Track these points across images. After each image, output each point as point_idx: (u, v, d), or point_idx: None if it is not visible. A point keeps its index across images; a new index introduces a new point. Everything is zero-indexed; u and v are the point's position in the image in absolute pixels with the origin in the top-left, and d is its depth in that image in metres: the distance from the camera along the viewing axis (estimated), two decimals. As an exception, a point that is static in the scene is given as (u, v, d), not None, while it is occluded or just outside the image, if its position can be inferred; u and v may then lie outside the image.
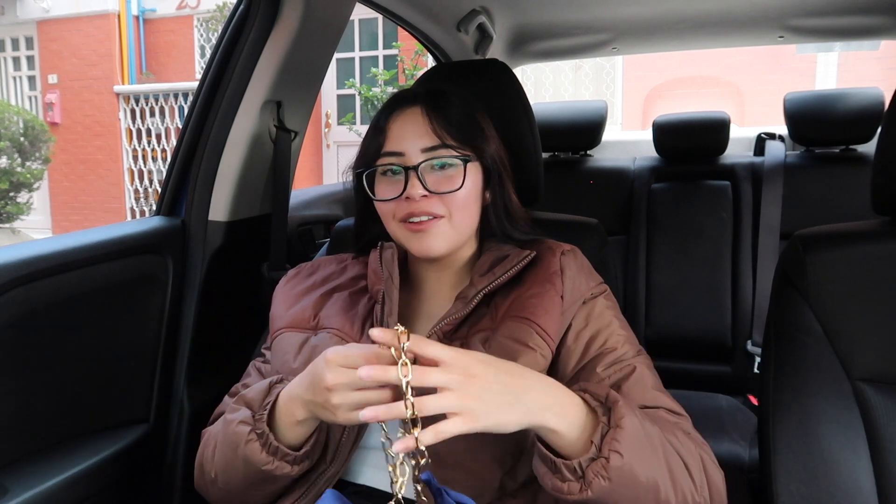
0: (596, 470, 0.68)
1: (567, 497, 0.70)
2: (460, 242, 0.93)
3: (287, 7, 1.28)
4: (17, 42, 9.17)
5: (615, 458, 0.68)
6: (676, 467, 0.75)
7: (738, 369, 2.08)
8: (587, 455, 0.69)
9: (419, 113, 0.91)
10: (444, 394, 0.65)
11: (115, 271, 1.17)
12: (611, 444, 0.69)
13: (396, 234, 0.92)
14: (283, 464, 0.81)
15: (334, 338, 0.92)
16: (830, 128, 2.16)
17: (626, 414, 0.71)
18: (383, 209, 0.92)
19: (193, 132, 1.33)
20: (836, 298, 0.96)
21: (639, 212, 2.24)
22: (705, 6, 1.91)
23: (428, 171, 0.89)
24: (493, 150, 0.95)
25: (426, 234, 0.89)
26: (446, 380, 0.65)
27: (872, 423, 0.91)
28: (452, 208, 0.89)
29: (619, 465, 0.68)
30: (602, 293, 0.95)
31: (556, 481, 0.71)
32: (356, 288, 0.99)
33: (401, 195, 0.88)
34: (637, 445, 0.71)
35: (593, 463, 0.69)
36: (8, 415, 1.02)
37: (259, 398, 0.85)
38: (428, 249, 0.89)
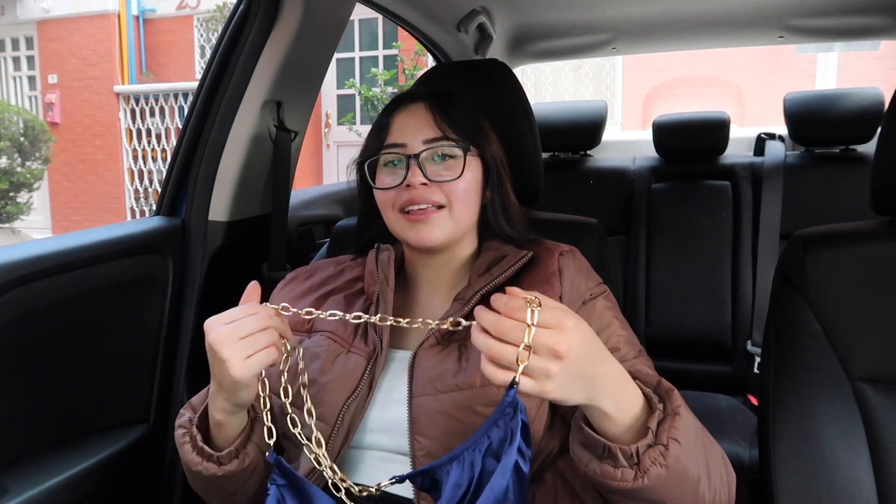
0: (653, 457, 0.66)
1: (619, 484, 0.67)
2: (458, 234, 0.93)
3: (287, 7, 1.28)
4: (17, 42, 9.17)
5: (674, 446, 0.67)
6: (712, 464, 0.75)
7: (738, 369, 2.08)
8: (644, 441, 0.67)
9: (423, 108, 0.93)
10: (532, 355, 0.63)
11: (115, 271, 1.17)
12: (670, 432, 0.67)
13: (395, 226, 0.93)
14: (210, 464, 0.85)
15: (327, 339, 0.92)
16: (830, 128, 2.16)
17: (682, 403, 0.70)
18: (383, 199, 0.93)
19: (193, 132, 1.33)
20: (836, 298, 0.96)
21: (639, 212, 2.24)
22: (705, 6, 1.91)
23: (429, 162, 0.91)
24: (493, 149, 0.96)
25: (425, 224, 0.89)
26: (538, 343, 0.62)
27: (872, 423, 0.91)
28: (452, 198, 0.90)
29: (676, 454, 0.67)
30: (602, 294, 0.94)
31: (605, 467, 0.68)
32: (353, 290, 0.99)
33: (401, 183, 0.89)
34: (691, 437, 0.70)
35: (650, 449, 0.67)
36: (8, 415, 1.02)
37: (200, 401, 0.90)
38: (426, 239, 0.90)
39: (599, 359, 0.68)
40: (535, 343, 0.62)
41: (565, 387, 0.64)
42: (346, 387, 0.87)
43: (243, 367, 0.76)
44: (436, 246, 0.91)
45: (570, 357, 0.63)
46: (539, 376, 0.63)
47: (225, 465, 0.86)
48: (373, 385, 0.88)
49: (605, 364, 0.68)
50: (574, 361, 0.63)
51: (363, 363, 0.89)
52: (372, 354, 0.89)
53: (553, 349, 0.62)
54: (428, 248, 0.92)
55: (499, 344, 0.63)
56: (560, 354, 0.62)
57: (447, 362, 0.86)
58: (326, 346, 0.92)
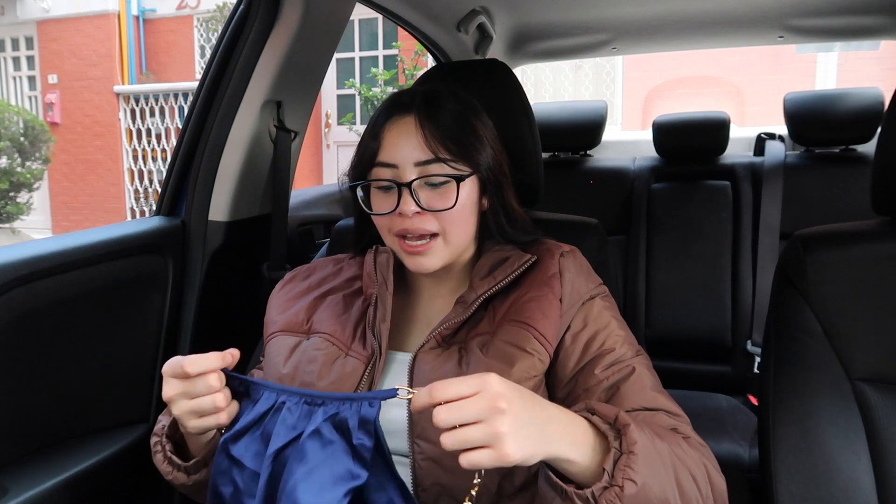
0: (609, 499, 0.66)
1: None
2: (456, 256, 0.93)
3: (287, 7, 1.28)
4: (17, 42, 9.17)
5: (629, 486, 0.66)
6: (685, 480, 0.74)
7: (738, 369, 2.08)
8: (600, 484, 0.67)
9: (412, 123, 0.88)
10: (476, 426, 0.63)
11: (115, 271, 1.17)
12: (624, 472, 0.67)
13: (393, 248, 0.93)
14: (179, 474, 0.87)
15: (325, 342, 0.92)
16: (830, 128, 2.16)
17: (638, 438, 0.69)
18: (379, 222, 0.92)
19: (193, 132, 1.33)
20: (836, 298, 0.96)
21: (639, 212, 2.24)
22: (705, 6, 1.91)
23: (421, 188, 0.88)
24: (489, 158, 0.91)
25: (421, 255, 0.89)
26: (475, 412, 0.63)
27: (872, 423, 0.91)
28: (446, 225, 0.88)
29: (633, 493, 0.66)
30: (600, 294, 0.94)
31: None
32: (351, 290, 0.98)
33: (394, 210, 0.88)
34: (649, 468, 0.69)
35: (606, 492, 0.67)
36: (8, 415, 1.02)
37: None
38: (423, 268, 0.90)
39: (538, 401, 0.68)
40: (477, 413, 0.62)
41: (521, 440, 0.63)
42: (344, 390, 0.87)
43: (193, 425, 0.78)
44: (433, 272, 0.91)
45: (511, 407, 0.63)
46: (493, 441, 0.62)
47: (193, 475, 0.86)
48: (372, 388, 0.87)
49: (546, 406, 0.69)
50: (517, 407, 0.64)
51: (361, 367, 0.88)
52: (371, 357, 0.89)
53: (493, 406, 0.62)
54: (426, 275, 0.92)
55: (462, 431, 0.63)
56: (500, 408, 0.62)
57: (448, 365, 0.86)
58: (325, 348, 0.91)
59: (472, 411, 0.63)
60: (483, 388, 0.64)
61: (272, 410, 0.77)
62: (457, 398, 0.64)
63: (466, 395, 0.64)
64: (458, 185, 0.87)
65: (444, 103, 0.91)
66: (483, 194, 0.94)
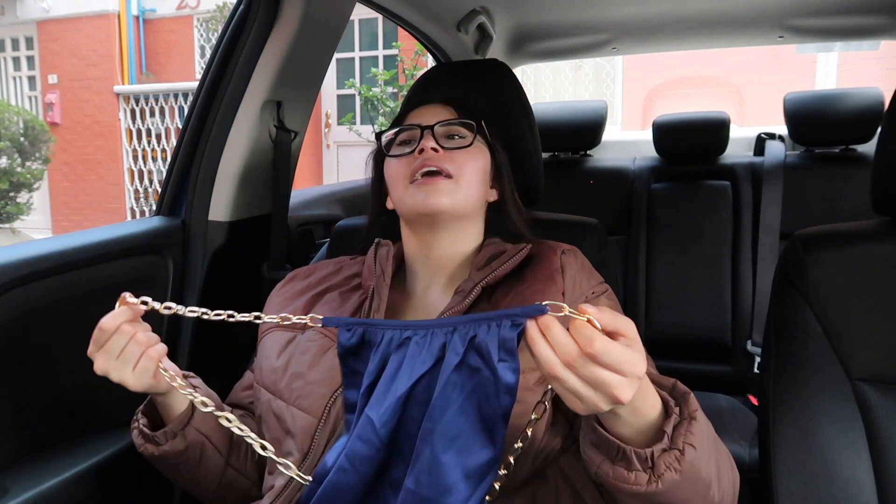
0: (668, 462, 0.65)
1: (631, 487, 0.65)
2: (464, 208, 0.94)
3: (287, 7, 1.28)
4: (17, 42, 9.17)
5: (689, 451, 0.65)
6: (722, 465, 0.74)
7: (738, 369, 2.08)
8: (660, 445, 0.65)
9: (441, 105, 1.00)
10: (615, 374, 0.59)
11: (115, 271, 1.17)
12: (686, 437, 0.66)
13: (404, 198, 0.94)
14: (149, 445, 0.91)
15: (318, 334, 0.92)
16: (830, 128, 2.16)
17: (699, 408, 0.69)
18: (395, 171, 0.95)
19: (193, 132, 1.33)
20: (836, 298, 0.96)
21: (639, 212, 2.24)
22: (705, 6, 1.91)
23: (442, 138, 0.95)
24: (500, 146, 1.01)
25: (433, 189, 0.91)
26: (625, 359, 0.59)
27: (872, 423, 0.91)
28: (461, 170, 0.93)
29: (692, 459, 0.66)
30: (604, 293, 0.95)
31: (619, 470, 0.66)
32: (349, 286, 0.99)
33: (413, 151, 0.93)
34: (705, 441, 0.68)
35: (665, 454, 0.65)
36: (8, 415, 1.02)
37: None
38: (434, 204, 0.91)
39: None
40: (600, 385, 0.59)
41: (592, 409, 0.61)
42: (334, 380, 0.87)
43: (137, 380, 0.83)
44: (442, 212, 0.91)
45: (621, 405, 0.60)
46: (587, 406, 0.60)
47: (161, 445, 0.90)
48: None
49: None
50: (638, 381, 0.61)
51: None
52: None
53: (615, 397, 0.59)
54: (434, 213, 0.92)
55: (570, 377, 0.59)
56: (617, 401, 0.59)
57: None
58: (317, 340, 0.92)
59: (598, 378, 0.59)
60: (621, 371, 0.59)
61: (397, 349, 0.78)
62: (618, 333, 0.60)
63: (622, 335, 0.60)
64: (475, 134, 0.96)
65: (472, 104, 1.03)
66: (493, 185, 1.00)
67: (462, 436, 0.70)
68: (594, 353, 0.58)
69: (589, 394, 0.60)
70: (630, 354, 0.59)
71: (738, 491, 0.80)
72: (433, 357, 0.74)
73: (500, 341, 0.68)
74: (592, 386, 0.59)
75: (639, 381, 0.60)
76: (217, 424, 0.90)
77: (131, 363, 0.83)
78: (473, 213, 0.97)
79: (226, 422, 0.85)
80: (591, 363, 0.58)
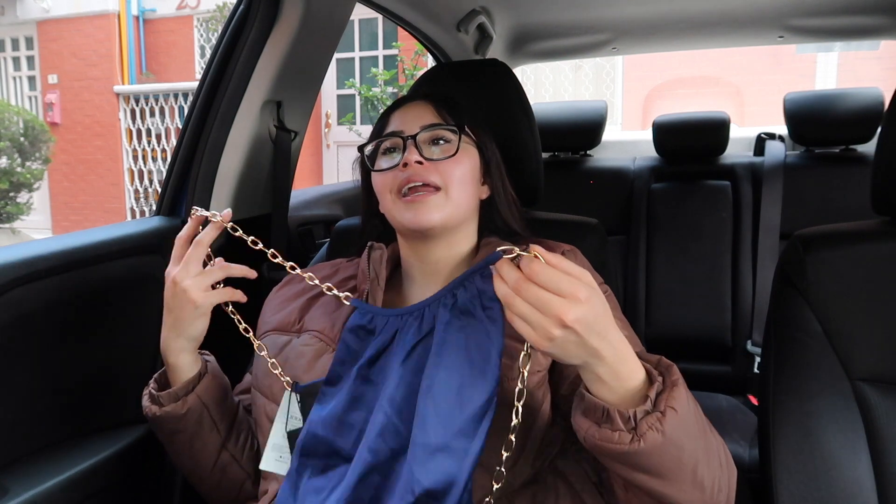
0: (650, 422, 0.67)
1: (615, 447, 0.68)
2: (455, 219, 0.92)
3: (287, 7, 1.28)
4: (17, 42, 9.17)
5: (671, 413, 0.68)
6: (711, 449, 0.75)
7: (738, 369, 2.08)
8: (642, 406, 0.68)
9: (423, 103, 0.97)
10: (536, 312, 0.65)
11: (115, 271, 1.17)
12: (668, 401, 0.68)
13: (393, 211, 0.92)
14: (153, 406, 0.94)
15: (314, 338, 0.92)
16: (830, 128, 2.16)
17: (680, 377, 0.71)
18: (381, 183, 0.93)
19: (193, 132, 1.33)
20: (836, 298, 0.96)
21: (639, 212, 2.24)
22: (705, 6, 1.91)
23: (425, 146, 0.92)
24: (490, 141, 0.99)
25: (422, 205, 0.89)
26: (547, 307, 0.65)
27: (872, 423, 0.92)
28: (449, 181, 0.90)
29: (673, 422, 0.67)
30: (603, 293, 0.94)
31: (604, 431, 0.69)
32: (345, 289, 0.98)
33: (398, 164, 0.90)
34: (687, 413, 0.70)
35: (648, 416, 0.68)
36: (8, 415, 1.02)
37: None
38: (424, 220, 0.89)
39: (603, 333, 0.68)
40: (544, 307, 0.65)
41: (561, 349, 0.67)
42: None
43: (203, 297, 0.90)
44: (433, 227, 0.90)
45: (573, 328, 0.65)
46: (538, 331, 0.66)
47: (164, 406, 0.93)
48: None
49: (607, 338, 0.68)
50: (576, 332, 0.65)
51: None
52: None
53: (559, 318, 0.64)
54: (425, 229, 0.90)
55: (518, 302, 0.66)
56: (565, 324, 0.64)
57: None
58: (312, 344, 0.92)
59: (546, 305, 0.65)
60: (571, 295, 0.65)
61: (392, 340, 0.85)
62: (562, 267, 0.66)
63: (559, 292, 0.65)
64: (459, 139, 0.93)
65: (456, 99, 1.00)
66: (484, 181, 0.98)
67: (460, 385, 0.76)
68: (531, 274, 0.65)
69: (536, 316, 0.65)
70: (568, 279, 0.65)
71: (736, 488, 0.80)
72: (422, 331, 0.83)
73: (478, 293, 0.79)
74: (538, 309, 0.65)
75: (582, 305, 0.65)
76: (219, 399, 0.96)
77: (205, 286, 0.91)
78: (467, 217, 0.96)
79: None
80: (532, 286, 0.65)
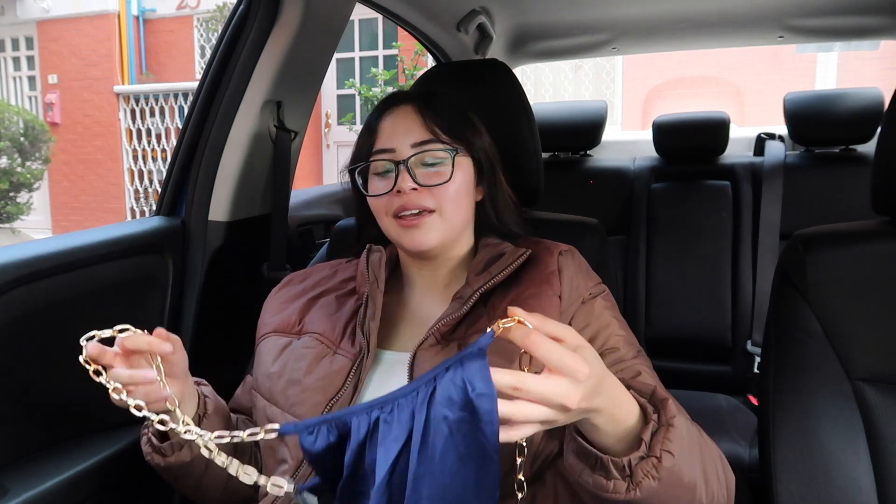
0: (646, 469, 0.65)
1: (611, 496, 0.66)
2: (453, 236, 0.93)
3: (287, 7, 1.27)
4: (17, 42, 9.17)
5: (667, 458, 0.66)
6: (709, 467, 0.74)
7: (738, 369, 2.08)
8: (637, 453, 0.66)
9: (410, 111, 0.93)
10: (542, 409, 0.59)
11: (115, 271, 1.17)
12: (663, 444, 0.66)
13: (390, 231, 0.92)
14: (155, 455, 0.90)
15: (315, 341, 0.92)
16: (830, 128, 2.16)
17: (677, 413, 0.69)
18: (376, 205, 0.93)
19: (193, 132, 1.33)
20: (836, 298, 0.96)
21: (639, 212, 2.24)
22: (705, 6, 1.91)
23: (418, 167, 0.90)
24: (484, 144, 0.96)
25: (417, 230, 0.89)
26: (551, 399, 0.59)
27: (872, 423, 0.91)
28: (443, 202, 0.89)
29: (670, 466, 0.66)
30: (601, 293, 0.94)
31: (598, 478, 0.67)
32: (345, 290, 0.98)
33: (392, 190, 0.89)
34: (685, 446, 0.69)
35: (643, 462, 0.66)
36: (8, 415, 1.02)
37: None
38: (420, 244, 0.89)
39: (602, 390, 0.63)
40: (548, 401, 0.58)
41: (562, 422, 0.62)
42: (330, 388, 0.87)
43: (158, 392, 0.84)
44: (430, 250, 0.91)
45: (579, 408, 0.60)
46: (545, 424, 0.60)
47: (167, 456, 0.90)
48: (358, 386, 0.87)
49: (604, 393, 0.64)
50: (582, 410, 0.61)
51: (348, 364, 0.89)
52: (358, 355, 0.89)
53: (564, 406, 0.59)
54: (423, 251, 0.91)
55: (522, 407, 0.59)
56: (569, 409, 0.59)
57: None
58: (314, 347, 0.92)
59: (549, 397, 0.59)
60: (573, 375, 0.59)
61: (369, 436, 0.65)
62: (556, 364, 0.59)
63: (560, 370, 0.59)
64: (453, 161, 0.90)
65: (440, 96, 0.96)
66: (479, 183, 0.96)
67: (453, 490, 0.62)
68: (530, 347, 0.59)
69: (541, 413, 0.59)
70: (571, 356, 0.59)
71: (734, 489, 0.79)
72: (405, 430, 0.63)
73: (466, 380, 0.60)
74: (542, 403, 0.59)
75: (588, 380, 0.59)
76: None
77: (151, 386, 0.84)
78: (464, 227, 0.95)
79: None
80: (530, 379, 0.59)
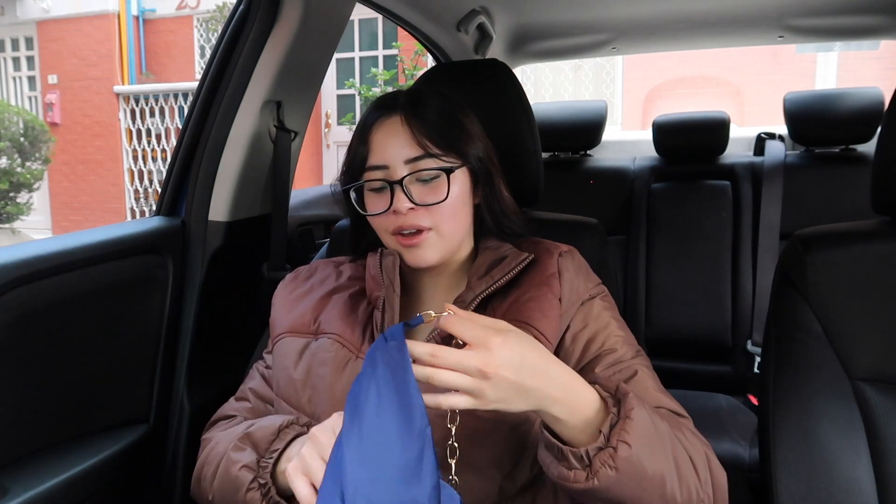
0: (603, 459, 0.69)
1: (573, 485, 0.70)
2: (452, 249, 0.92)
3: (287, 7, 1.28)
4: (17, 42, 9.17)
5: (623, 448, 0.69)
6: (683, 463, 0.75)
7: (738, 369, 2.08)
8: (595, 444, 0.70)
9: (399, 122, 0.89)
10: (462, 376, 0.67)
11: (115, 271, 1.17)
12: (619, 435, 0.69)
13: (392, 247, 0.92)
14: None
15: (335, 344, 0.91)
16: (830, 128, 2.16)
17: (636, 406, 0.72)
18: (375, 222, 0.92)
19: (193, 132, 1.33)
20: (836, 298, 0.96)
21: (639, 212, 2.24)
22: (705, 6, 1.91)
23: (413, 183, 0.88)
24: (478, 150, 0.93)
25: (417, 248, 0.89)
26: (467, 365, 0.67)
27: (872, 423, 0.92)
28: (439, 219, 0.88)
29: (626, 456, 0.69)
30: (599, 294, 0.94)
31: (561, 469, 0.71)
32: (354, 290, 0.98)
33: (388, 209, 0.88)
34: (646, 438, 0.71)
35: (601, 452, 0.69)
36: (8, 415, 1.02)
37: (265, 442, 0.85)
38: (421, 261, 0.89)
39: (539, 371, 0.70)
40: (464, 366, 0.67)
41: (501, 400, 0.68)
42: None
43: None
44: (431, 266, 0.91)
45: (498, 375, 0.67)
46: (473, 394, 0.67)
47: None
48: None
49: (548, 375, 0.71)
50: (504, 378, 0.67)
51: None
52: None
53: (481, 370, 0.66)
54: (424, 268, 0.91)
55: (440, 372, 0.67)
56: (487, 375, 0.66)
57: None
58: (334, 351, 0.91)
59: (464, 364, 0.67)
60: (484, 345, 0.68)
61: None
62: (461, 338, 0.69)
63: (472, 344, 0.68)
64: (448, 177, 0.88)
65: (429, 101, 0.92)
66: (475, 187, 0.95)
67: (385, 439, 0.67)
68: (446, 326, 0.69)
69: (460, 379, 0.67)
70: (480, 327, 0.69)
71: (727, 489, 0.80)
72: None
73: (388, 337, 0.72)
74: (461, 371, 0.67)
75: (500, 349, 0.68)
76: None
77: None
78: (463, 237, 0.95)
79: None
80: (445, 349, 0.68)
